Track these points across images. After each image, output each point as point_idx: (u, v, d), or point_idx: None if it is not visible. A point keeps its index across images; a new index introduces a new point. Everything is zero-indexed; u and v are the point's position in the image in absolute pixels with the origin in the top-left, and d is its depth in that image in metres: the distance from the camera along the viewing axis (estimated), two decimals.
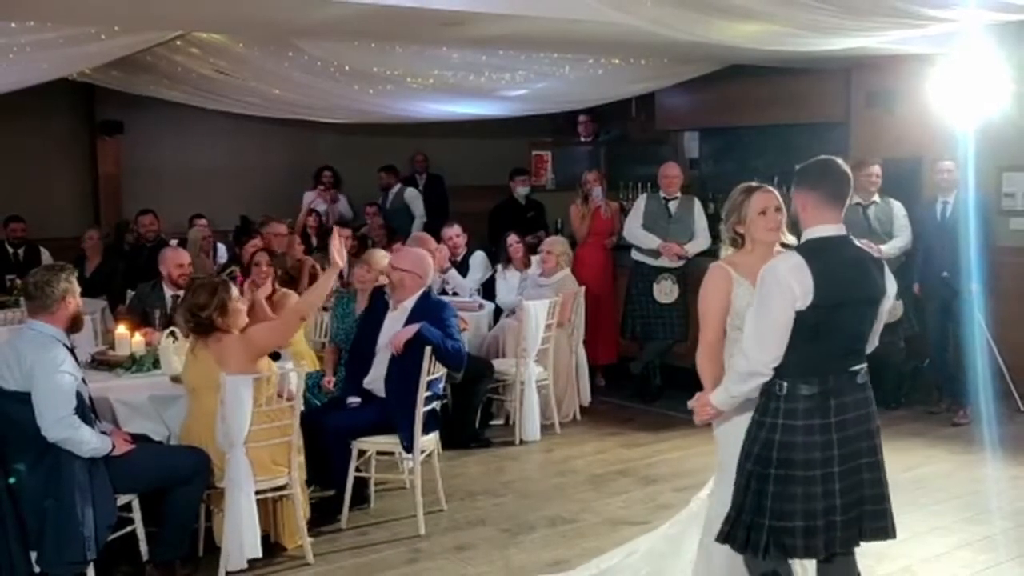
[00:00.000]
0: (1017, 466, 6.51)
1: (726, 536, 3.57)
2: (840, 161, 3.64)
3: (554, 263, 7.86)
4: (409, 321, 5.61)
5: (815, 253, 3.45)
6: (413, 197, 11.08)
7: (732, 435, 3.74)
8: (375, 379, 5.68)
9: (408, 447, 5.41)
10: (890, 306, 3.67)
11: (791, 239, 3.86)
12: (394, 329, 5.65)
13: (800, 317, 3.39)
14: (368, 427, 5.51)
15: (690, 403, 3.78)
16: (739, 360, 3.51)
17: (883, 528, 3.59)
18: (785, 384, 3.46)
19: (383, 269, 6.22)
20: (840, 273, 3.46)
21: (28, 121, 10.01)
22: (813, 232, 3.52)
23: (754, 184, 3.95)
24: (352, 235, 8.98)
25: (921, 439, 7.15)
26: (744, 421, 3.65)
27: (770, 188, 3.91)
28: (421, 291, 5.77)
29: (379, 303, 5.91)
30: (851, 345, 3.53)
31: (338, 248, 5.30)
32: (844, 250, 3.53)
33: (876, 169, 7.74)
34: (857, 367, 3.54)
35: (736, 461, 3.61)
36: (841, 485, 3.47)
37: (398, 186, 11.13)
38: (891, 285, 3.64)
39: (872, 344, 3.67)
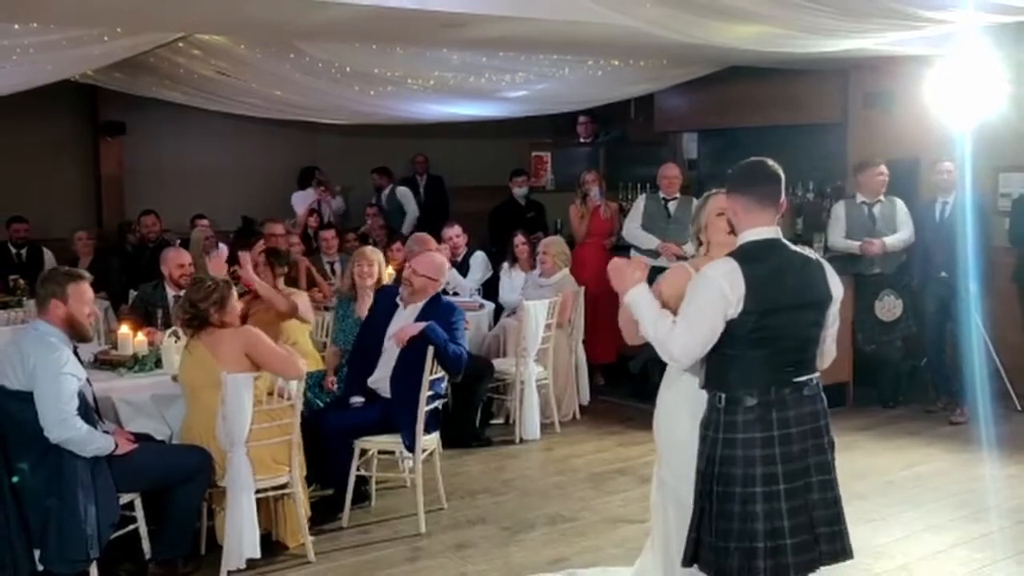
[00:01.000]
0: (1014, 465, 6.51)
1: (692, 559, 3.40)
2: (770, 162, 3.49)
3: (551, 263, 7.86)
4: (418, 321, 5.62)
5: (749, 257, 3.30)
6: (405, 195, 11.13)
7: (677, 450, 3.67)
8: (380, 378, 5.68)
9: (410, 446, 5.41)
10: (837, 310, 3.50)
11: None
12: (397, 322, 5.67)
13: (735, 324, 3.25)
14: (370, 426, 5.51)
15: (617, 261, 3.66)
16: (663, 335, 3.34)
17: (840, 550, 3.39)
18: (724, 396, 3.32)
19: (379, 261, 6.36)
20: (776, 277, 3.31)
21: (31, 122, 10.01)
22: (747, 236, 3.38)
23: (712, 191, 3.89)
24: (340, 234, 9.06)
25: (918, 438, 7.15)
26: (683, 430, 3.57)
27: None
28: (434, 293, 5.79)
29: (384, 302, 5.90)
30: (795, 355, 3.35)
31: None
32: (780, 253, 3.38)
33: (883, 168, 7.78)
34: (803, 378, 3.36)
35: (682, 474, 3.53)
36: (788, 505, 3.28)
37: (391, 186, 11.15)
38: (836, 288, 3.46)
39: (827, 354, 3.51)
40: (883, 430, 7.34)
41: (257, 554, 4.80)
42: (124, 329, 5.83)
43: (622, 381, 8.64)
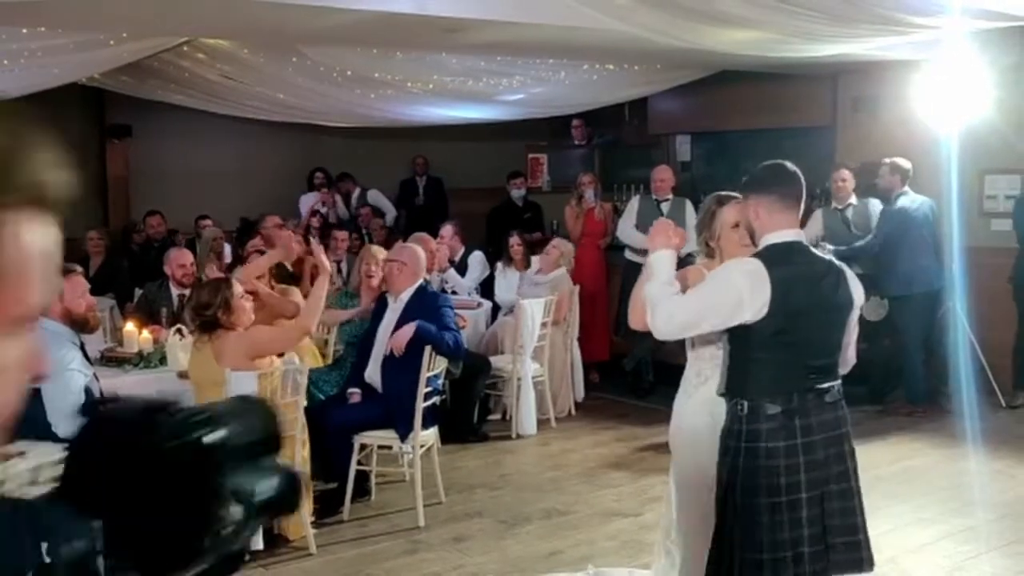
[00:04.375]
0: (999, 460, 6.51)
1: (715, 571, 3.27)
2: (789, 164, 3.37)
3: (557, 255, 7.85)
4: (406, 312, 5.63)
5: (775, 259, 3.17)
6: (377, 197, 11.10)
7: (695, 459, 3.54)
8: (373, 372, 5.70)
9: (404, 437, 5.42)
10: (857, 316, 3.38)
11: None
12: (392, 320, 5.67)
13: (758, 327, 3.13)
14: (370, 422, 5.51)
15: (665, 222, 3.52)
16: (658, 301, 3.24)
17: (857, 560, 3.26)
18: (747, 404, 3.17)
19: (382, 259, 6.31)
20: (801, 280, 3.19)
21: (39, 124, 9.97)
22: (771, 238, 3.24)
23: (724, 194, 3.68)
24: (349, 236, 8.98)
25: (906, 433, 7.15)
26: (700, 447, 3.43)
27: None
28: (417, 284, 5.77)
29: (385, 301, 5.93)
30: (818, 360, 3.23)
31: (321, 253, 5.49)
32: (804, 256, 3.27)
33: (843, 173, 7.77)
34: (826, 385, 3.23)
35: (700, 482, 3.42)
36: (808, 513, 3.16)
37: (358, 190, 11.08)
38: (858, 293, 3.34)
39: (848, 361, 3.39)
40: (871, 426, 7.33)
41: (260, 545, 4.80)
42: (130, 327, 5.83)
43: (616, 378, 8.64)
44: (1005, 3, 5.30)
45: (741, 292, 3.11)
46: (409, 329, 5.50)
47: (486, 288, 8.52)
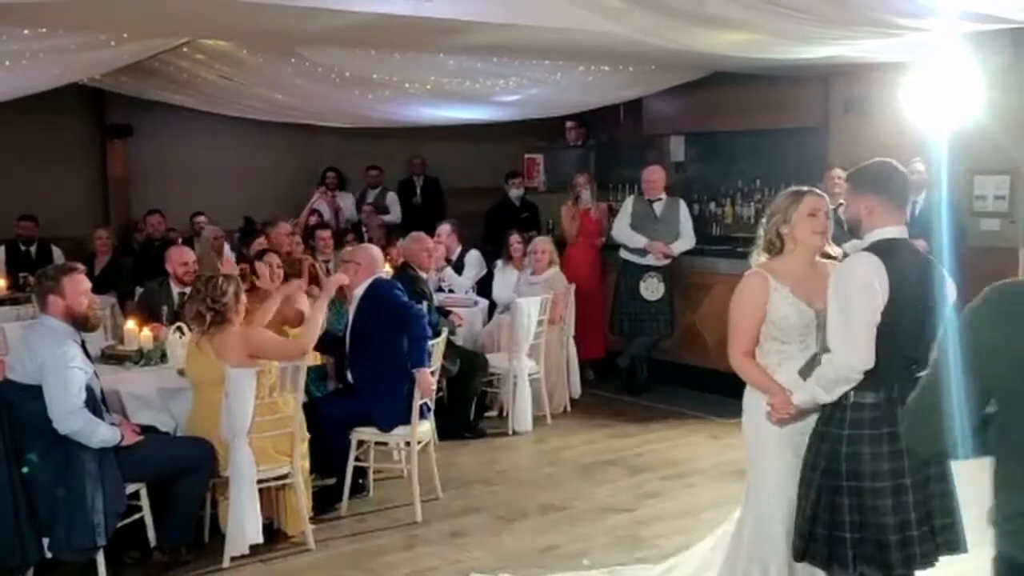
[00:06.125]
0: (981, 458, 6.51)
1: (803, 553, 3.36)
2: (900, 165, 3.45)
3: (547, 260, 7.87)
4: (359, 309, 5.64)
5: (887, 253, 3.23)
6: (393, 199, 11.11)
7: (765, 457, 3.61)
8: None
9: (387, 430, 5.46)
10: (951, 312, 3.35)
11: (836, 250, 3.67)
12: (350, 319, 5.72)
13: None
14: (365, 417, 5.51)
15: (769, 400, 3.51)
16: (826, 368, 3.26)
17: (955, 541, 3.34)
18: (851, 393, 3.24)
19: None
20: (909, 275, 3.24)
21: (41, 124, 9.96)
22: (881, 233, 3.31)
23: (804, 188, 3.71)
24: (337, 236, 9.00)
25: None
26: (776, 442, 3.51)
27: (821, 192, 3.71)
28: (370, 280, 5.69)
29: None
30: (917, 352, 3.22)
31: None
32: (910, 252, 3.34)
33: (837, 172, 7.77)
34: (922, 375, 3.25)
35: (768, 483, 3.47)
36: (914, 497, 3.25)
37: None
38: (952, 290, 3.36)
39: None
40: None
41: (260, 539, 4.80)
42: (130, 324, 5.83)
43: (611, 376, 8.65)
44: (994, 6, 5.31)
45: (874, 284, 3.17)
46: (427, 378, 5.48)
47: (483, 286, 8.52)
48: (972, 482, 3.28)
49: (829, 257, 3.67)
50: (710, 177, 10.31)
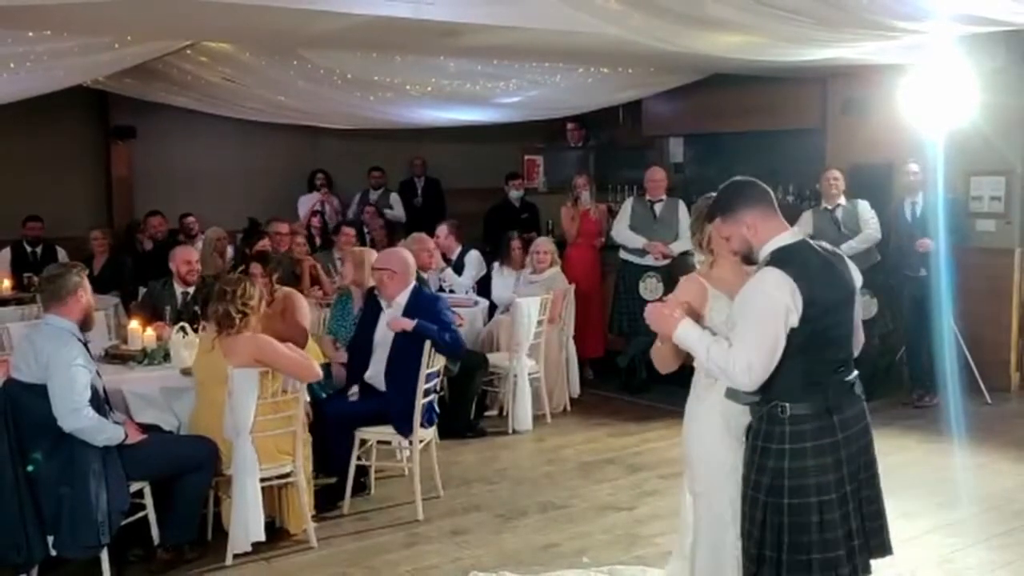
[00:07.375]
0: (983, 455, 6.53)
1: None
2: (747, 177, 3.32)
3: (549, 260, 7.88)
4: (404, 315, 5.62)
5: (790, 262, 3.08)
6: (396, 200, 11.12)
7: (715, 488, 3.38)
8: (375, 374, 5.68)
9: (405, 433, 5.43)
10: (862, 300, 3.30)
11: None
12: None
13: (795, 332, 3.04)
14: (369, 417, 5.51)
15: (655, 307, 3.33)
16: (725, 360, 3.09)
17: (881, 545, 3.27)
18: (788, 406, 3.10)
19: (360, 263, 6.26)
20: (820, 275, 3.12)
21: (45, 126, 9.97)
22: (776, 243, 3.16)
23: (712, 195, 3.54)
24: (355, 234, 8.96)
25: (893, 428, 7.15)
26: (729, 464, 3.31)
27: None
28: (411, 287, 5.71)
29: (373, 302, 5.91)
30: (842, 352, 3.19)
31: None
32: (814, 252, 3.19)
33: (834, 172, 7.80)
34: (851, 377, 3.20)
35: (723, 515, 3.32)
36: (854, 506, 3.16)
37: (380, 190, 11.10)
38: (858, 275, 3.30)
39: (858, 343, 3.31)
40: None
41: (263, 537, 4.81)
42: (134, 324, 5.83)
43: (610, 375, 8.65)
44: (990, 8, 5.32)
45: (785, 301, 3.03)
46: (409, 322, 5.50)
47: (482, 287, 8.53)
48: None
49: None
50: (709, 178, 10.26)
